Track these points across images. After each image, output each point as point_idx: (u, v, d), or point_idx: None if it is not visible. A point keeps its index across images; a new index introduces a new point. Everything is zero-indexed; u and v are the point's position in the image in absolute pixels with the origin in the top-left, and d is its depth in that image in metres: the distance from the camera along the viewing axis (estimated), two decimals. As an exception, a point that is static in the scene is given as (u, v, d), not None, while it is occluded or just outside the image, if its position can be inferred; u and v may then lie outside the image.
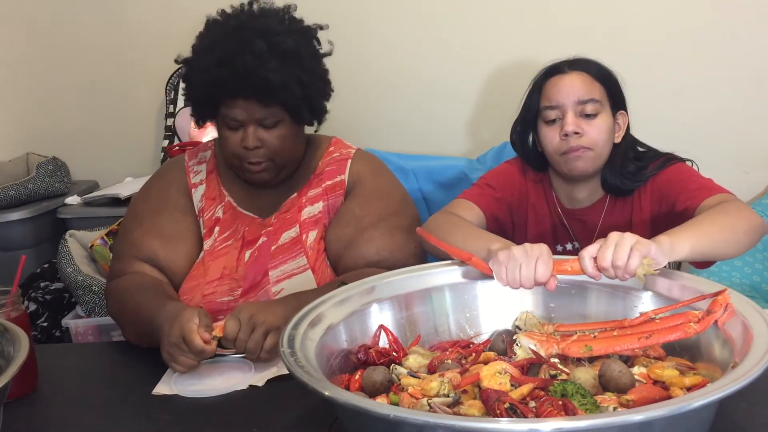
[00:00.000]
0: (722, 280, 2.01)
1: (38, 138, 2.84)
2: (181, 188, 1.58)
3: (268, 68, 1.39)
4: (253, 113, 1.43)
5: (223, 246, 1.53)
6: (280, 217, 1.55)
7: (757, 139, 2.40)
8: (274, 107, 1.43)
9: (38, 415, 1.18)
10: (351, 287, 1.19)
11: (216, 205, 1.57)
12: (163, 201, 1.57)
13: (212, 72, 1.41)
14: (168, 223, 1.53)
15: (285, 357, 0.93)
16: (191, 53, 1.49)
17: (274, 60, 1.40)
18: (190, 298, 1.48)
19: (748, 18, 2.33)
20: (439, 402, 0.94)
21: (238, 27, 1.44)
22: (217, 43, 1.43)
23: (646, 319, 1.04)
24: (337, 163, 1.58)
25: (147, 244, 1.50)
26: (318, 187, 1.56)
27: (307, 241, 1.52)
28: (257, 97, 1.42)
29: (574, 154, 1.46)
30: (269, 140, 1.45)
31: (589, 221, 1.55)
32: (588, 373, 0.99)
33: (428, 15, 2.52)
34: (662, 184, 1.47)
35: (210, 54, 1.42)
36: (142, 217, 1.56)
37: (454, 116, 2.58)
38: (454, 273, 1.25)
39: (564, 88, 1.47)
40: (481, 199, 1.53)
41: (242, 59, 1.39)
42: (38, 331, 2.25)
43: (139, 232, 1.53)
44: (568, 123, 1.45)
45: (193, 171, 1.60)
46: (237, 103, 1.43)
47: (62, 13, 2.74)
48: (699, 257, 1.16)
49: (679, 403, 0.77)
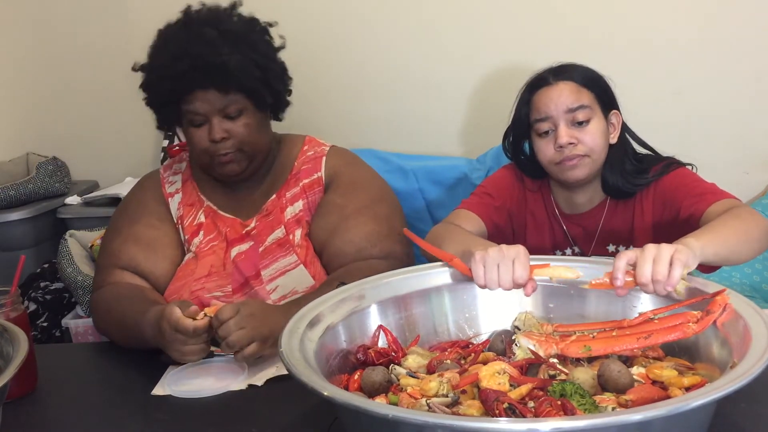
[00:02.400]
0: (722, 280, 2.01)
1: (38, 138, 2.84)
2: (158, 198, 1.60)
3: (222, 53, 1.42)
4: (214, 103, 1.44)
5: (209, 246, 1.54)
6: (262, 220, 1.55)
7: (757, 139, 2.40)
8: (234, 95, 1.45)
9: (38, 415, 1.18)
10: (350, 287, 1.19)
11: (196, 210, 1.58)
12: (140, 210, 1.58)
13: (169, 68, 1.43)
14: (146, 230, 1.55)
15: (284, 357, 0.94)
16: (147, 61, 1.51)
17: (227, 45, 1.43)
18: (179, 297, 1.48)
19: (748, 18, 2.32)
20: (438, 402, 0.94)
21: (187, 23, 1.47)
22: (169, 40, 1.46)
23: (645, 319, 1.05)
24: (312, 161, 1.60)
25: (126, 252, 1.51)
26: (296, 186, 1.57)
27: (295, 240, 1.52)
28: (216, 86, 1.43)
29: (569, 163, 1.45)
30: (235, 129, 1.46)
31: (588, 226, 1.55)
32: (587, 373, 0.99)
33: (427, 15, 2.51)
34: (665, 190, 1.46)
35: (164, 52, 1.45)
36: (120, 227, 1.57)
37: (453, 116, 2.57)
38: (453, 273, 1.25)
39: (552, 99, 1.46)
40: (481, 208, 1.54)
41: (195, 49, 1.41)
42: (38, 331, 2.25)
43: (117, 241, 1.54)
44: (561, 135, 1.44)
45: (168, 181, 1.63)
46: (197, 96, 1.44)
47: (63, 13, 2.74)
48: (720, 261, 1.17)
49: (677, 403, 0.77)
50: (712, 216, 1.30)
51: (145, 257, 1.51)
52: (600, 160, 1.48)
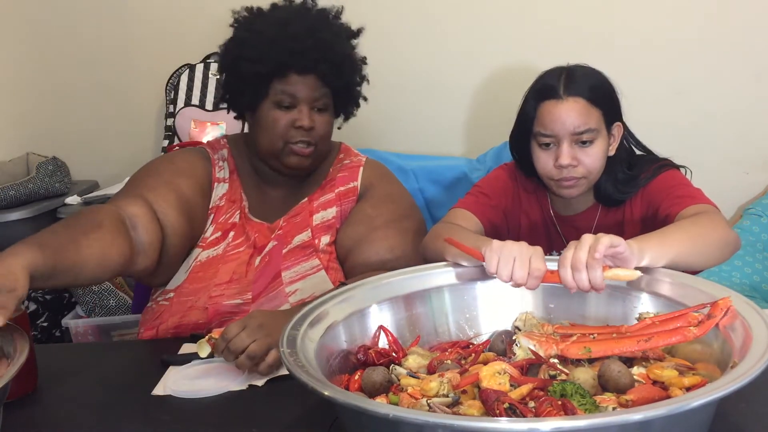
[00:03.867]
0: (722, 280, 2.01)
1: (38, 138, 2.84)
2: (206, 174, 1.54)
3: (343, 46, 1.46)
4: (312, 91, 1.45)
5: (234, 251, 1.51)
6: (290, 221, 1.54)
7: (757, 139, 2.40)
8: (327, 89, 1.46)
9: (38, 415, 1.18)
10: (351, 287, 1.19)
11: (235, 209, 1.54)
12: (190, 170, 1.50)
13: (285, 44, 1.41)
14: (189, 191, 1.47)
15: (285, 357, 0.93)
16: (239, 32, 1.46)
17: (344, 40, 1.47)
18: (196, 299, 1.45)
19: (748, 18, 2.33)
20: (439, 402, 0.94)
21: (304, 9, 1.48)
22: (290, 19, 1.45)
23: (643, 326, 1.04)
24: (349, 170, 1.60)
25: (163, 196, 1.41)
26: (331, 193, 1.57)
27: (320, 245, 1.52)
28: (321, 75, 1.44)
29: (566, 183, 1.45)
30: (320, 123, 1.47)
31: (581, 227, 1.55)
32: (587, 373, 0.99)
33: (428, 14, 2.52)
34: (652, 190, 1.47)
35: (284, 27, 1.43)
36: (162, 171, 1.48)
37: (454, 116, 2.58)
38: (453, 274, 1.25)
39: (560, 117, 1.41)
40: (477, 207, 1.54)
41: (320, 33, 1.43)
42: (38, 331, 2.26)
43: (157, 180, 1.44)
44: (563, 155, 1.42)
45: (218, 165, 1.57)
46: (298, 78, 1.43)
47: (63, 13, 2.74)
48: (665, 264, 1.15)
49: (678, 403, 0.77)
50: (680, 220, 1.31)
51: (176, 217, 1.41)
52: (596, 179, 1.49)
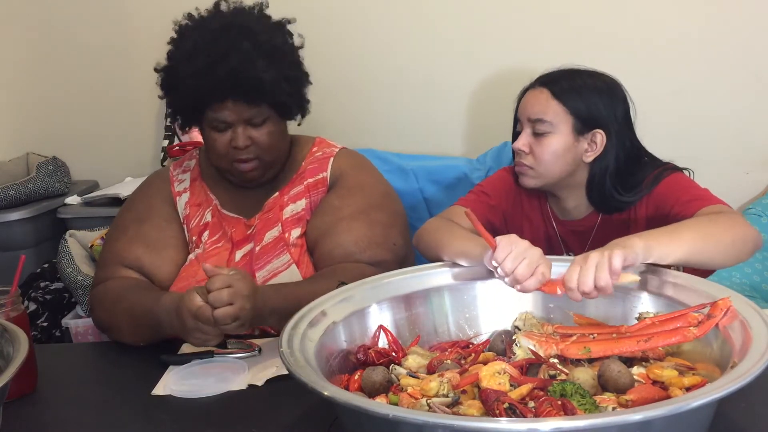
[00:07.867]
0: (722, 280, 2.01)
1: (38, 138, 2.83)
2: (166, 197, 1.60)
3: (258, 68, 1.40)
4: (242, 114, 1.44)
5: (213, 248, 1.54)
6: (263, 218, 1.55)
7: (757, 139, 2.40)
8: (261, 106, 1.44)
9: (38, 415, 1.18)
10: (350, 287, 1.19)
11: (203, 210, 1.58)
12: (147, 210, 1.58)
13: (202, 77, 1.41)
14: (152, 231, 1.54)
15: (285, 357, 0.94)
16: (169, 60, 1.48)
17: (261, 59, 1.41)
18: None
19: (747, 18, 2.32)
20: (439, 402, 0.94)
21: (221, 29, 1.44)
22: (201, 47, 1.42)
23: (643, 326, 1.04)
24: (319, 161, 1.59)
25: (132, 252, 1.51)
26: (300, 185, 1.57)
27: (290, 239, 1.52)
28: (246, 98, 1.42)
29: (518, 169, 1.51)
30: (258, 138, 1.47)
31: (582, 233, 1.55)
32: (587, 373, 0.99)
33: (428, 14, 2.51)
34: (658, 196, 1.45)
35: (196, 59, 1.42)
36: (126, 226, 1.56)
37: (453, 116, 2.57)
38: (453, 274, 1.25)
39: (525, 104, 1.50)
40: (476, 205, 1.54)
41: (231, 61, 1.39)
42: (38, 331, 2.25)
43: (123, 240, 1.54)
44: (518, 140, 1.49)
45: (177, 180, 1.62)
46: (226, 105, 1.43)
47: (63, 13, 2.74)
48: (675, 261, 1.14)
49: (677, 403, 0.77)
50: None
51: (150, 259, 1.50)
52: (550, 177, 1.48)
